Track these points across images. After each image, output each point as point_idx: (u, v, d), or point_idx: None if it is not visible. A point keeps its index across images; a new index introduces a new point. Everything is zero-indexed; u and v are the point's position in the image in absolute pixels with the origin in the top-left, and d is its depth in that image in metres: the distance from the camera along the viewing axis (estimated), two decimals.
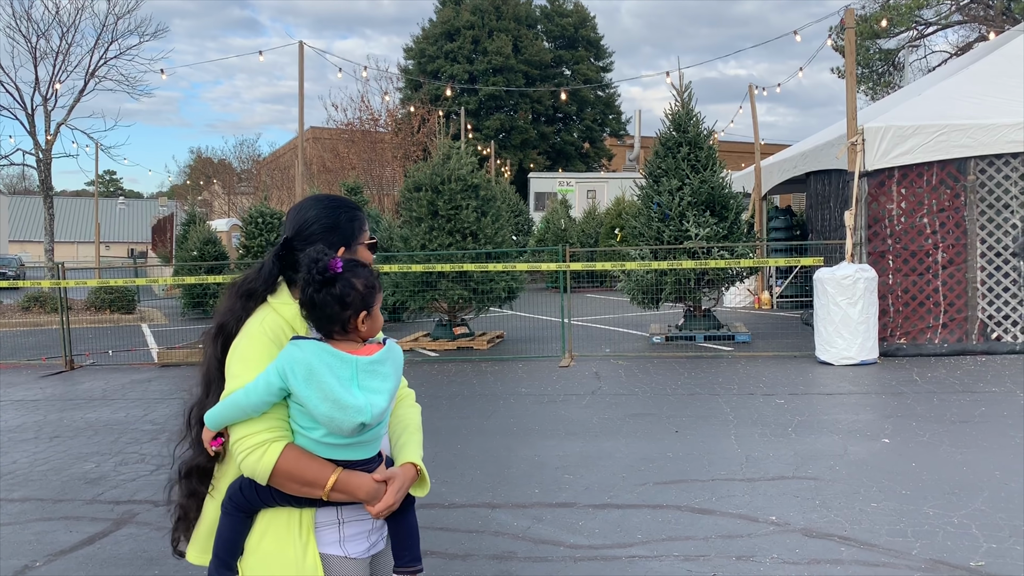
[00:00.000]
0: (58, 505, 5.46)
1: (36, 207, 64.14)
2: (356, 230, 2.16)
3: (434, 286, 11.55)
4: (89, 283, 12.52)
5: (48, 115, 19.44)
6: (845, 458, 5.89)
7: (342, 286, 1.93)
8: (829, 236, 12.23)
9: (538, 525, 4.76)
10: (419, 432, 2.19)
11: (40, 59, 19.10)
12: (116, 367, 11.63)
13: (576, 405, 7.99)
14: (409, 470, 2.06)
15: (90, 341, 14.09)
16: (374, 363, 1.94)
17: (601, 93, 43.76)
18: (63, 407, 8.81)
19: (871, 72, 34.34)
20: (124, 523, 5.07)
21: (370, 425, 1.90)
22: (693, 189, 11.43)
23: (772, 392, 8.26)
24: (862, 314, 9.49)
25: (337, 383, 1.87)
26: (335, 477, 1.92)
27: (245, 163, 41.92)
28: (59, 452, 6.85)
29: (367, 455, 1.99)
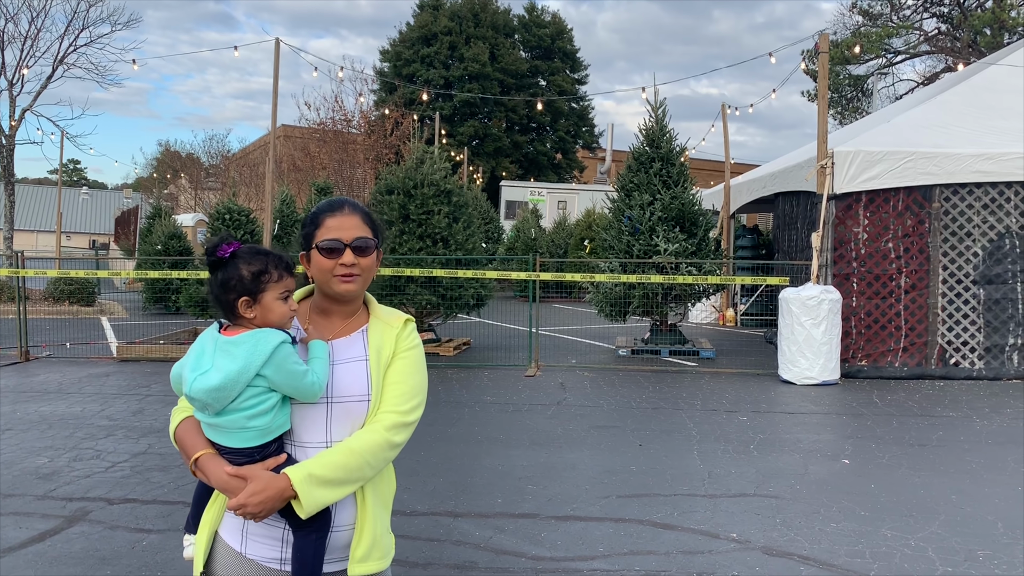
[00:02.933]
0: (8, 500, 5.31)
1: None
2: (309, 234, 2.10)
3: (402, 290, 11.48)
4: (49, 273, 12.28)
5: (13, 100, 19.04)
6: (806, 477, 5.94)
7: (228, 270, 2.00)
8: (795, 256, 12.38)
9: (500, 535, 4.73)
10: (345, 454, 1.95)
11: (7, 43, 18.75)
12: (73, 360, 11.39)
13: (541, 415, 7.98)
14: (279, 480, 1.89)
15: (47, 333, 13.79)
16: (228, 343, 1.96)
17: (575, 105, 43.95)
18: (16, 399, 8.60)
19: (840, 97, 34.93)
20: (76, 520, 4.95)
21: (204, 403, 1.91)
22: (664, 204, 11.51)
23: (735, 409, 8.32)
24: (825, 335, 9.61)
25: (195, 356, 1.98)
26: (199, 454, 1.97)
27: (214, 158, 41.44)
28: (11, 445, 6.68)
29: (229, 443, 1.95)
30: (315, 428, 2.00)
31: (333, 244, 2.05)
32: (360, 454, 1.96)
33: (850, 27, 33.94)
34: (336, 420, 2.02)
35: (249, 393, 1.92)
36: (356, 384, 2.04)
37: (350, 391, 2.03)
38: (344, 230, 2.06)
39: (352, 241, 2.06)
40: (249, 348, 1.92)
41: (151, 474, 5.93)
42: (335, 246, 2.05)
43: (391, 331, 2.15)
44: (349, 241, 2.05)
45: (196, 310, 13.56)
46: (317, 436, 2.01)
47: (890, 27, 32.25)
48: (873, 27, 33.07)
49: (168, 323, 15.97)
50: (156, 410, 8.10)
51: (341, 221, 2.07)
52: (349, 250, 2.05)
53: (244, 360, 1.90)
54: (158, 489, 5.58)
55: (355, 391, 2.03)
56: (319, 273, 2.06)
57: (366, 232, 2.11)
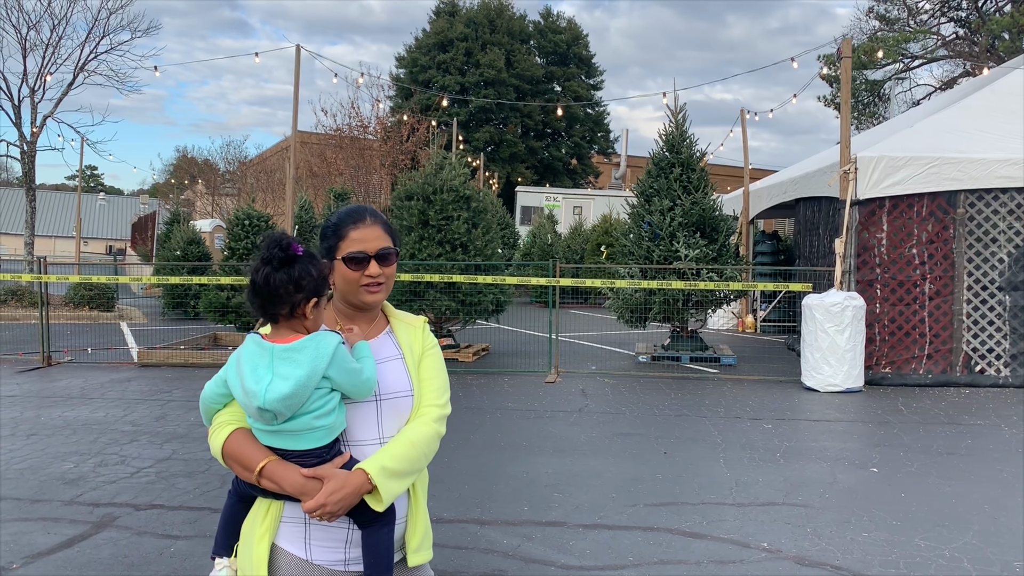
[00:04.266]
0: (36, 505, 5.32)
1: (13, 199, 63.38)
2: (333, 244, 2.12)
3: (422, 296, 11.47)
4: (71, 279, 12.33)
5: (35, 107, 19.21)
6: (835, 486, 5.88)
7: (301, 268, 1.96)
8: (817, 262, 12.29)
9: (528, 543, 4.69)
10: (407, 446, 2.02)
11: (30, 50, 18.91)
12: (95, 365, 11.44)
13: (563, 422, 7.93)
14: (355, 476, 1.93)
15: (68, 338, 13.86)
16: (289, 350, 1.94)
17: (591, 111, 43.94)
18: (40, 404, 8.63)
19: (857, 102, 34.73)
20: (104, 526, 4.95)
21: (276, 412, 1.88)
22: (684, 210, 11.46)
23: (759, 416, 8.25)
24: (849, 342, 9.52)
25: (249, 369, 1.93)
26: (264, 463, 1.94)
27: (231, 164, 41.65)
28: (36, 451, 6.70)
29: (298, 446, 1.94)
30: (367, 426, 2.06)
31: (359, 256, 2.08)
32: (419, 446, 2.05)
33: (867, 32, 33.80)
34: (386, 416, 2.09)
35: (316, 395, 1.93)
36: (399, 380, 2.12)
37: (395, 387, 2.11)
38: (368, 241, 2.10)
39: (376, 252, 2.10)
40: (312, 352, 1.92)
41: (176, 480, 5.93)
42: (361, 257, 2.08)
43: (415, 331, 2.24)
44: (374, 252, 2.10)
45: (215, 315, 13.59)
46: (370, 433, 2.07)
47: (907, 32, 32.08)
48: (890, 32, 32.91)
49: (187, 328, 16.03)
50: (179, 415, 8.12)
51: (364, 233, 2.11)
52: (374, 261, 2.09)
53: (310, 364, 1.90)
54: (184, 495, 5.57)
55: (400, 387, 2.11)
56: (345, 283, 2.10)
57: (387, 241, 2.15)
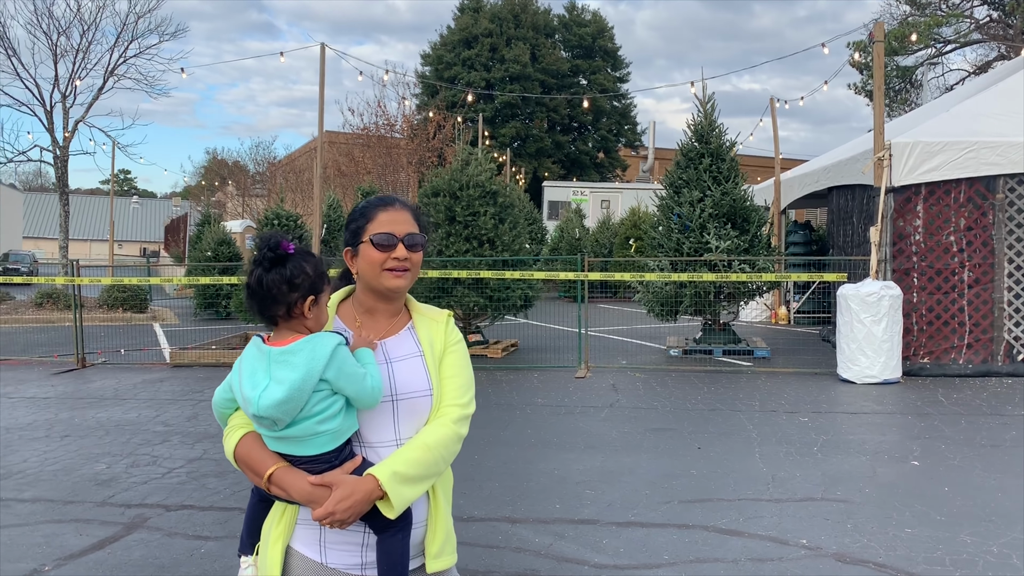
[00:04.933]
0: (68, 507, 5.34)
1: (50, 204, 64.39)
2: (359, 228, 2.06)
3: (450, 292, 11.43)
4: (103, 281, 12.46)
5: (66, 112, 19.44)
6: (874, 480, 5.72)
7: (292, 267, 1.89)
8: (851, 252, 12.06)
9: (561, 542, 4.61)
10: (422, 450, 1.93)
11: (60, 56, 19.14)
12: (128, 366, 11.54)
13: (594, 418, 7.84)
14: (365, 483, 1.84)
15: (102, 339, 14.01)
16: (284, 353, 1.86)
17: (617, 104, 43.65)
18: (74, 405, 8.71)
19: (888, 89, 34.14)
20: (135, 527, 4.95)
21: (273, 418, 1.81)
22: (714, 201, 11.29)
23: (795, 409, 8.09)
24: (886, 332, 9.32)
25: (248, 374, 1.86)
26: (272, 470, 1.88)
27: (260, 165, 41.97)
28: (70, 452, 6.74)
29: (304, 452, 1.87)
30: (383, 427, 1.98)
31: (387, 239, 2.02)
32: (435, 449, 1.95)
33: (897, 17, 33.19)
34: (403, 417, 2.00)
35: (316, 398, 1.85)
36: (417, 379, 2.04)
37: (413, 387, 2.02)
38: (397, 224, 2.05)
39: (404, 236, 2.05)
40: (307, 354, 1.84)
41: (207, 480, 5.92)
42: (389, 240, 2.02)
43: (437, 326, 2.15)
44: (402, 236, 2.04)
45: (247, 315, 13.66)
46: (386, 435, 1.99)
47: (939, 16, 31.45)
48: (921, 17, 32.29)
49: (219, 328, 16.14)
50: (210, 415, 8.14)
51: (394, 216, 2.06)
52: (401, 244, 2.03)
53: (305, 367, 1.82)
54: (214, 495, 5.56)
55: (418, 387, 2.03)
56: (369, 267, 2.03)
57: (416, 228, 2.09)
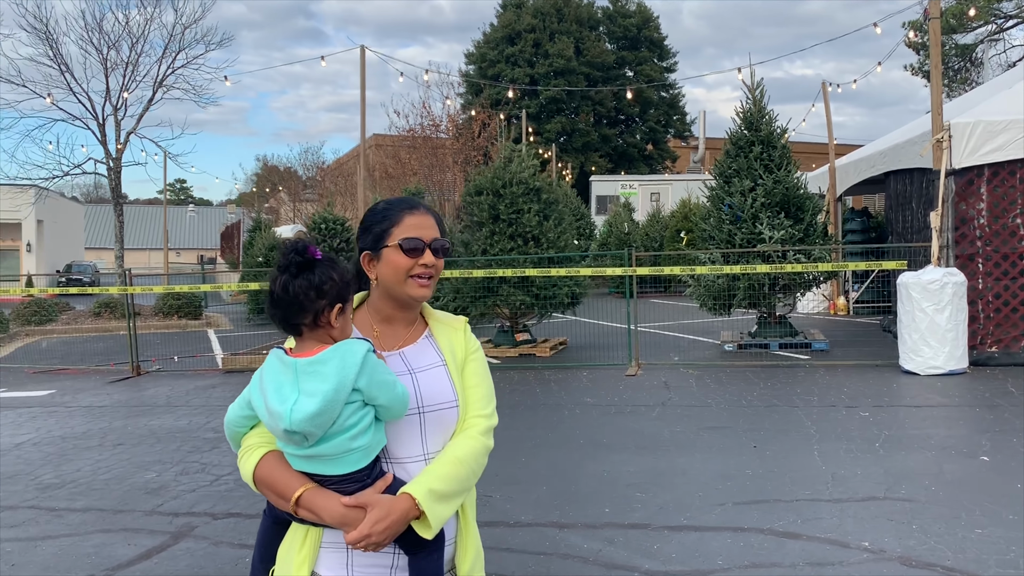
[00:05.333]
0: (118, 516, 5.36)
1: (110, 215, 66.26)
2: (383, 231, 1.93)
3: (495, 292, 11.32)
4: (155, 289, 12.67)
5: (118, 124, 19.88)
6: (941, 477, 5.44)
7: (321, 273, 1.78)
8: (911, 238, 11.63)
9: (610, 548, 4.46)
10: (454, 464, 1.84)
11: (111, 70, 19.57)
12: (181, 373, 11.69)
13: (645, 417, 7.65)
14: (401, 502, 1.75)
15: (157, 347, 14.25)
16: (313, 363, 1.74)
17: (665, 94, 43.13)
18: (128, 414, 8.82)
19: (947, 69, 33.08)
20: (182, 536, 4.94)
21: (305, 433, 1.69)
22: (766, 190, 10.97)
23: (855, 404, 7.79)
24: (950, 321, 8.93)
25: (273, 388, 1.74)
26: (300, 492, 1.76)
27: (309, 170, 42.50)
28: (122, 460, 6.80)
29: (335, 471, 1.75)
30: (411, 442, 1.88)
31: (416, 243, 1.91)
32: (467, 463, 1.88)
33: None
34: (430, 430, 1.90)
35: (348, 411, 1.73)
36: (443, 390, 1.93)
37: (439, 398, 1.92)
38: (424, 229, 1.94)
39: (432, 241, 1.94)
40: (338, 363, 1.72)
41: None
42: (418, 245, 1.91)
43: (456, 333, 2.04)
44: (429, 241, 1.94)
45: None
46: (414, 450, 1.88)
47: None
48: None
49: (271, 333, 16.30)
50: None
51: (421, 220, 1.95)
52: (429, 250, 1.93)
53: (337, 376, 1.71)
54: (261, 502, 5.50)
55: (444, 397, 1.93)
56: (394, 273, 1.91)
57: (439, 234, 1.98)
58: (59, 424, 8.38)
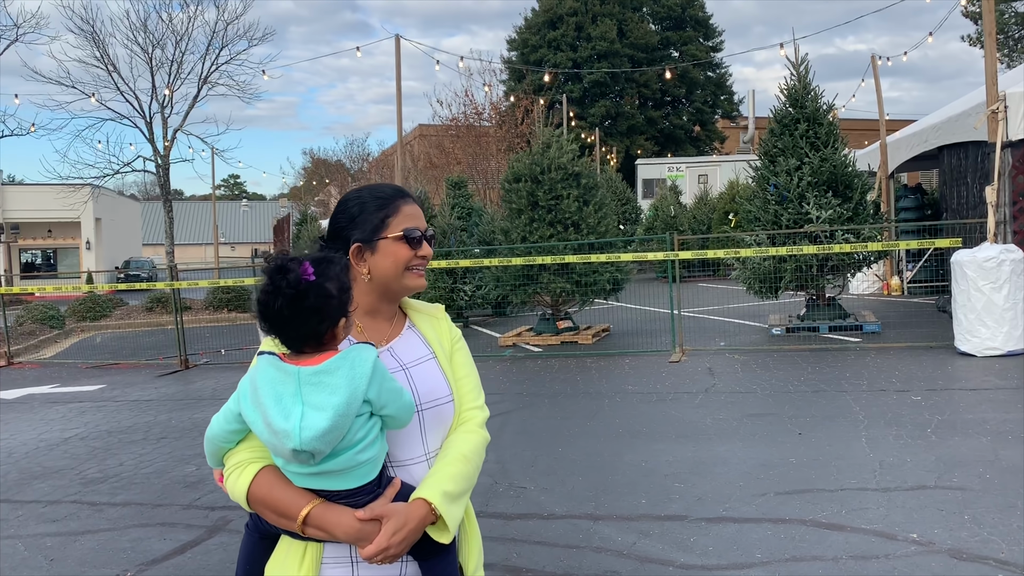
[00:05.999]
0: (156, 510, 5.41)
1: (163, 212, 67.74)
2: (380, 221, 1.82)
3: (535, 279, 11.21)
4: (200, 284, 12.85)
5: (165, 122, 20.22)
6: (996, 464, 5.19)
7: (316, 296, 1.61)
8: (967, 215, 11.19)
9: (645, 541, 4.34)
10: (461, 463, 1.77)
11: (156, 68, 19.91)
12: (228, 366, 11.85)
13: (687, 404, 7.48)
14: (417, 508, 1.66)
15: (206, 340, 14.47)
16: (319, 373, 1.58)
17: (711, 74, 42.43)
18: (173, 407, 8.95)
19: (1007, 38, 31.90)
20: (217, 531, 4.95)
21: (314, 451, 1.55)
22: (813, 168, 10.64)
23: (907, 388, 7.51)
24: (1008, 300, 8.56)
25: (272, 401, 1.58)
26: (308, 510, 1.63)
27: (356, 162, 42.86)
28: (164, 454, 6.89)
29: (344, 486, 1.63)
30: (412, 442, 1.79)
31: (417, 233, 1.84)
32: (472, 459, 1.81)
33: None
34: (430, 428, 1.82)
35: (357, 424, 1.61)
36: (438, 384, 1.85)
37: (436, 393, 1.84)
38: (419, 219, 1.88)
39: (426, 231, 1.88)
40: (347, 372, 1.59)
41: None
42: (418, 235, 1.85)
43: (440, 322, 1.98)
44: (425, 231, 1.87)
45: None
46: (415, 451, 1.79)
47: None
48: None
49: None
50: None
51: (415, 209, 1.89)
52: (425, 241, 1.86)
53: (348, 388, 1.57)
54: None
55: (440, 392, 1.84)
56: (392, 266, 1.82)
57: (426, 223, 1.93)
58: (107, 418, 8.54)
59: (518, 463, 5.89)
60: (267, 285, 1.63)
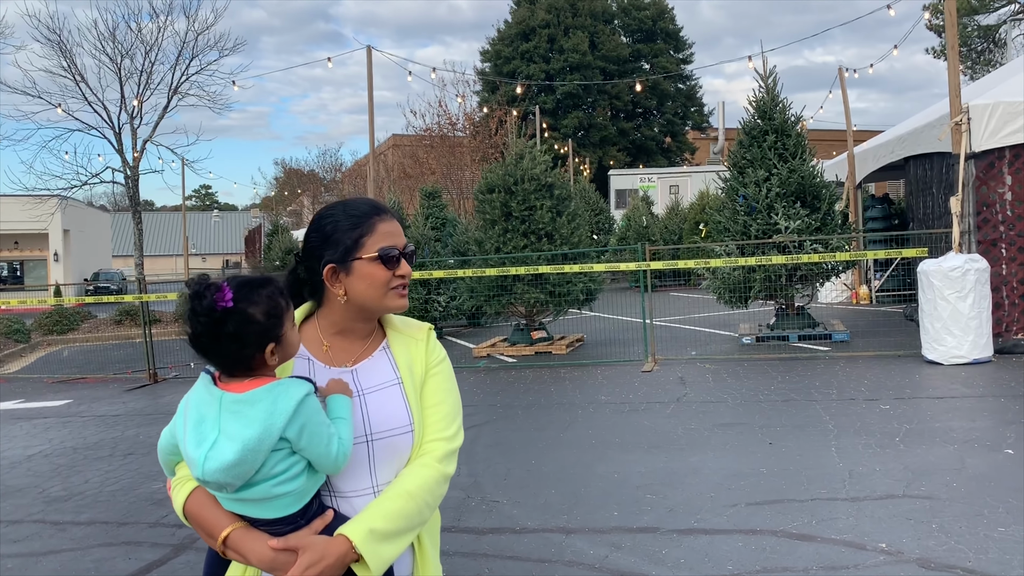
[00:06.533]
0: (122, 529, 5.31)
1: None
2: (354, 241, 1.74)
3: (510, 290, 11.21)
4: (170, 296, 12.68)
5: (134, 133, 19.99)
6: (963, 473, 5.25)
7: (236, 323, 1.57)
8: (933, 224, 11.36)
9: (616, 554, 4.33)
10: (403, 499, 1.66)
11: (125, 79, 19.69)
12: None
13: (659, 414, 7.50)
14: (337, 545, 1.58)
15: (175, 353, 14.27)
16: (239, 402, 1.54)
17: (682, 86, 42.80)
18: (141, 422, 8.81)
19: (969, 50, 32.47)
20: (183, 549, 4.87)
21: (218, 483, 1.52)
22: (781, 179, 10.76)
23: (875, 396, 7.59)
24: (973, 308, 8.69)
25: (193, 424, 1.55)
26: (226, 533, 1.60)
27: (329, 173, 42.66)
28: (131, 471, 6.77)
29: (263, 515, 1.58)
30: (357, 474, 1.70)
31: (394, 252, 1.76)
32: (418, 496, 1.68)
33: None
34: (380, 460, 1.72)
35: (274, 459, 1.55)
36: (396, 414, 1.74)
37: (390, 423, 1.73)
38: (396, 236, 1.78)
39: (405, 248, 1.79)
40: (267, 407, 1.53)
41: None
42: (395, 254, 1.76)
43: (417, 344, 1.84)
44: (403, 248, 1.78)
45: None
46: (361, 483, 1.71)
47: None
48: None
49: None
50: None
51: (392, 226, 1.79)
52: (404, 259, 1.78)
53: (263, 423, 1.52)
54: None
55: (396, 422, 1.74)
56: (371, 287, 1.74)
57: (405, 239, 1.83)
58: (72, 434, 8.39)
59: (491, 476, 5.87)
60: (187, 311, 1.60)
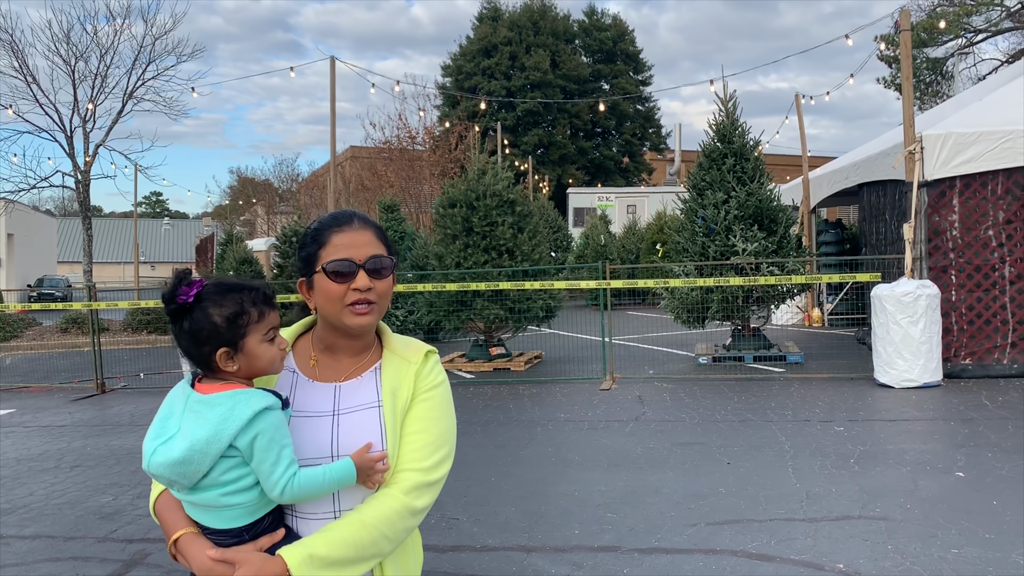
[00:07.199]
0: (69, 543, 5.14)
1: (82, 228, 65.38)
2: (313, 254, 1.73)
3: (469, 305, 11.18)
4: (120, 305, 12.39)
5: (87, 137, 19.56)
6: (916, 494, 5.35)
7: (192, 319, 1.62)
8: (885, 250, 11.62)
9: (578, 572, 4.31)
10: (355, 528, 1.61)
11: (79, 82, 19.28)
12: (147, 390, 11.42)
13: (618, 433, 7.52)
14: (273, 564, 1.55)
15: (124, 363, 13.95)
16: (201, 403, 1.58)
17: (640, 107, 43.31)
18: (88, 433, 8.57)
19: (919, 82, 33.40)
20: (134, 564, 4.73)
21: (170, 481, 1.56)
22: (739, 202, 10.93)
23: (830, 418, 7.71)
24: (924, 333, 8.89)
25: (161, 418, 1.61)
26: (177, 535, 1.62)
27: (285, 183, 42.20)
28: (78, 484, 6.57)
29: (211, 523, 1.60)
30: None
31: (344, 266, 1.68)
32: (373, 526, 1.62)
33: (926, 8, 32.49)
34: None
35: (225, 466, 1.55)
36: (367, 437, 1.69)
37: (360, 447, 1.68)
38: (355, 248, 1.70)
39: (365, 261, 1.70)
40: (224, 412, 1.54)
41: None
42: (347, 268, 1.68)
43: (408, 367, 1.77)
44: (362, 261, 1.69)
45: None
46: (323, 506, 1.67)
47: (969, 5, 30.75)
48: (951, 6, 31.59)
49: None
50: None
51: (351, 237, 1.71)
52: (363, 272, 1.69)
53: (214, 427, 1.53)
54: None
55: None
56: (327, 303, 1.70)
57: (380, 250, 1.73)
58: (15, 445, 8.12)
59: (451, 493, 5.81)
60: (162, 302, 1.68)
